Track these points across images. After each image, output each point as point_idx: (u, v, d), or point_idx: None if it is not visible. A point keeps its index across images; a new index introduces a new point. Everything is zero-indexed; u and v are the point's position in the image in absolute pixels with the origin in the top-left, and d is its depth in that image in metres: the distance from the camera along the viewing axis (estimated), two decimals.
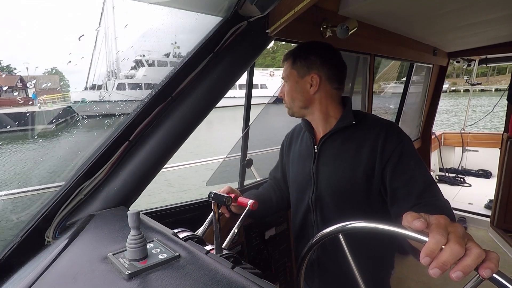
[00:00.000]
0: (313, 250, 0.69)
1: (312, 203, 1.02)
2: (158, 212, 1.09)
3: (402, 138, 0.90)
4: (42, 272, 0.52)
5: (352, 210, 0.95)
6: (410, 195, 0.83)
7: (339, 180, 0.95)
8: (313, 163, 1.01)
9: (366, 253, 0.89)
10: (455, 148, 4.21)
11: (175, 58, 17.39)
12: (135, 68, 19.82)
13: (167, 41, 1.04)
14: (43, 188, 0.91)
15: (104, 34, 7.05)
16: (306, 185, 1.04)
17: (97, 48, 6.37)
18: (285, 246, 1.48)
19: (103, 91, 9.89)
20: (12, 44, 53.73)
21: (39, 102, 5.27)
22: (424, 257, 0.46)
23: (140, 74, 19.26)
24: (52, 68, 17.98)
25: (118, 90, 14.95)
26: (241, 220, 0.89)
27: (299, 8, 0.93)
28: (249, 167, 1.58)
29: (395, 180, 0.87)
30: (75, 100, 7.77)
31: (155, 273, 0.50)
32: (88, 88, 7.22)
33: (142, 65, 19.76)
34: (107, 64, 10.13)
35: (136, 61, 19.34)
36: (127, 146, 0.88)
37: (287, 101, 1.02)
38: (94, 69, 5.91)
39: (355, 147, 0.93)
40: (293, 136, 1.17)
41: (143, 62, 19.58)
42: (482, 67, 3.79)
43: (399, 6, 1.42)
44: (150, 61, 19.71)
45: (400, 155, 0.87)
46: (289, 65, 0.99)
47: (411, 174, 0.85)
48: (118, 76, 15.19)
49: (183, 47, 1.00)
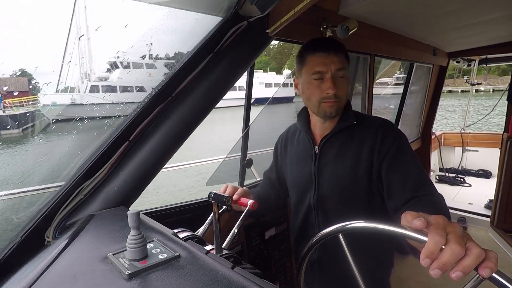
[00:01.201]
0: (313, 250, 0.69)
1: (313, 204, 1.02)
2: (158, 212, 1.09)
3: (398, 135, 0.93)
4: (42, 272, 0.52)
5: (354, 209, 0.96)
6: (405, 189, 0.85)
7: (341, 180, 0.96)
8: (314, 163, 1.01)
9: (366, 253, 0.90)
10: (455, 148, 4.21)
11: (151, 60, 16.45)
12: (110, 70, 18.91)
13: (167, 41, 1.04)
14: (43, 188, 0.91)
15: (76, 35, 6.88)
16: (307, 186, 1.03)
17: (68, 50, 6.18)
18: (285, 246, 1.48)
19: (75, 94, 9.52)
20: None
21: (4, 105, 4.92)
22: (424, 258, 0.46)
23: (115, 77, 18.33)
24: (20, 69, 17.22)
25: (91, 92, 14.39)
26: (241, 220, 0.89)
27: (299, 8, 0.93)
28: (249, 167, 1.58)
29: (390, 174, 0.89)
30: (45, 103, 7.40)
31: (155, 273, 0.50)
32: (59, 91, 6.96)
33: (117, 67, 18.85)
34: (80, 66, 9.84)
35: (110, 63, 18.55)
36: (127, 146, 0.88)
37: (344, 95, 0.92)
38: (65, 71, 5.73)
39: (355, 147, 0.94)
40: (288, 137, 1.16)
41: (118, 64, 18.69)
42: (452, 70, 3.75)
43: (399, 6, 1.42)
44: (125, 63, 18.61)
45: (396, 151, 0.89)
46: (344, 57, 0.92)
47: (406, 169, 0.88)
48: (91, 78, 14.59)
49: (183, 47, 0.99)
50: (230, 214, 1.18)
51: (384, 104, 3.51)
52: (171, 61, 13.08)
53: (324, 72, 0.90)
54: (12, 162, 1.70)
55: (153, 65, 16.86)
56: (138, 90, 12.25)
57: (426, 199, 0.81)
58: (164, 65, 16.28)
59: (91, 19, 5.59)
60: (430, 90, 3.25)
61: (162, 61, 16.01)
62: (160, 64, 16.54)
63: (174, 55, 1.10)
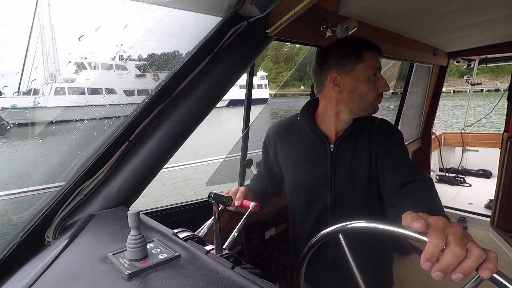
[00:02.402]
0: (330, 251, 0.70)
1: (330, 204, 1.00)
2: (158, 212, 1.09)
3: (393, 130, 1.01)
4: (42, 272, 0.52)
5: (370, 206, 1.00)
6: (398, 172, 0.91)
7: (359, 179, 0.97)
8: (330, 162, 0.99)
9: (367, 248, 0.95)
10: (455, 148, 4.21)
11: (121, 61, 15.81)
12: (77, 71, 17.44)
13: (167, 41, 1.03)
14: (43, 188, 0.90)
15: (39, 34, 6.54)
16: (321, 187, 1.01)
17: (31, 49, 5.82)
18: (285, 246, 1.48)
19: (38, 96, 9.07)
20: None
21: None
22: (425, 262, 0.46)
23: (82, 78, 17.03)
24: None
25: (57, 95, 13.55)
26: (242, 221, 0.89)
27: (299, 8, 0.93)
28: (249, 167, 1.58)
29: (384, 162, 0.94)
30: (3, 106, 6.86)
31: (155, 273, 0.50)
32: (21, 93, 6.65)
33: (84, 68, 17.66)
34: (44, 66, 9.24)
35: (77, 64, 17.14)
36: (127, 146, 0.88)
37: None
38: (28, 73, 5.34)
39: (366, 145, 0.97)
40: (282, 135, 1.10)
41: (85, 64, 17.52)
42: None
43: (399, 6, 1.42)
44: (93, 64, 17.68)
45: (391, 143, 0.96)
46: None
47: (400, 156, 0.94)
48: (56, 79, 13.38)
49: (183, 47, 0.99)
50: (230, 214, 1.18)
51: (384, 104, 3.51)
52: (142, 62, 12.38)
53: (380, 70, 0.96)
54: None
55: (124, 67, 16.22)
56: (108, 93, 11.63)
57: (419, 186, 0.86)
58: (136, 67, 15.54)
59: (56, 16, 5.25)
60: (430, 90, 3.25)
61: (134, 62, 14.99)
62: (131, 66, 15.84)
63: (169, 56, 1.08)
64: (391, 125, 1.03)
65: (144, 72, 13.20)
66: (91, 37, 1.23)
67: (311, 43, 1.42)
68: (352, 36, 1.01)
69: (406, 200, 0.83)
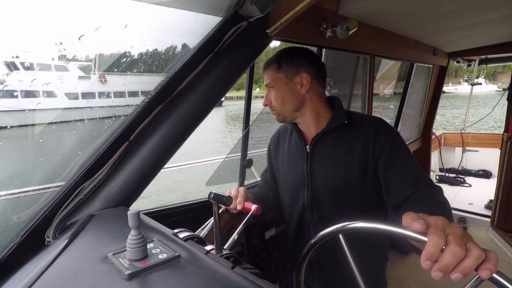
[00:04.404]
0: (313, 250, 0.69)
1: (307, 203, 1.02)
2: (158, 212, 1.09)
3: (390, 131, 0.94)
4: (42, 272, 0.52)
5: (349, 207, 0.97)
6: (404, 185, 0.86)
7: (335, 178, 0.97)
8: (306, 163, 1.01)
9: (362, 248, 0.91)
10: (455, 148, 4.21)
11: (61, 62, 14.66)
12: (8, 72, 14.97)
13: (167, 41, 1.03)
14: (43, 188, 0.90)
15: None
16: (300, 186, 1.04)
17: None
18: (285, 246, 1.48)
19: None
20: None
21: None
22: (425, 261, 0.46)
23: (14, 80, 14.64)
24: None
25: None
26: (243, 224, 0.89)
27: (299, 8, 0.93)
28: (249, 167, 1.58)
29: (387, 171, 0.90)
30: None
31: (155, 273, 0.50)
32: None
33: (16, 69, 15.37)
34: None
35: (7, 64, 14.95)
36: (127, 146, 0.88)
37: (277, 107, 1.00)
38: None
39: (347, 145, 0.95)
40: (280, 138, 1.17)
41: (17, 64, 15.27)
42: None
43: (399, 6, 1.42)
44: (26, 64, 15.45)
45: (391, 147, 0.91)
46: (274, 70, 0.98)
47: (402, 163, 0.89)
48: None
49: (183, 47, 0.99)
50: (230, 214, 1.18)
51: (384, 104, 3.51)
52: (87, 63, 11.55)
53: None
54: None
55: (65, 67, 15.05)
56: (46, 96, 10.74)
57: (425, 193, 0.83)
58: (79, 68, 14.53)
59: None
60: (430, 90, 3.25)
61: (76, 63, 14.20)
62: (73, 67, 14.93)
63: (167, 55, 1.08)
64: (385, 124, 0.96)
65: (88, 73, 12.30)
66: (25, 34, 1.15)
67: (311, 43, 1.42)
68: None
69: (410, 206, 0.81)
